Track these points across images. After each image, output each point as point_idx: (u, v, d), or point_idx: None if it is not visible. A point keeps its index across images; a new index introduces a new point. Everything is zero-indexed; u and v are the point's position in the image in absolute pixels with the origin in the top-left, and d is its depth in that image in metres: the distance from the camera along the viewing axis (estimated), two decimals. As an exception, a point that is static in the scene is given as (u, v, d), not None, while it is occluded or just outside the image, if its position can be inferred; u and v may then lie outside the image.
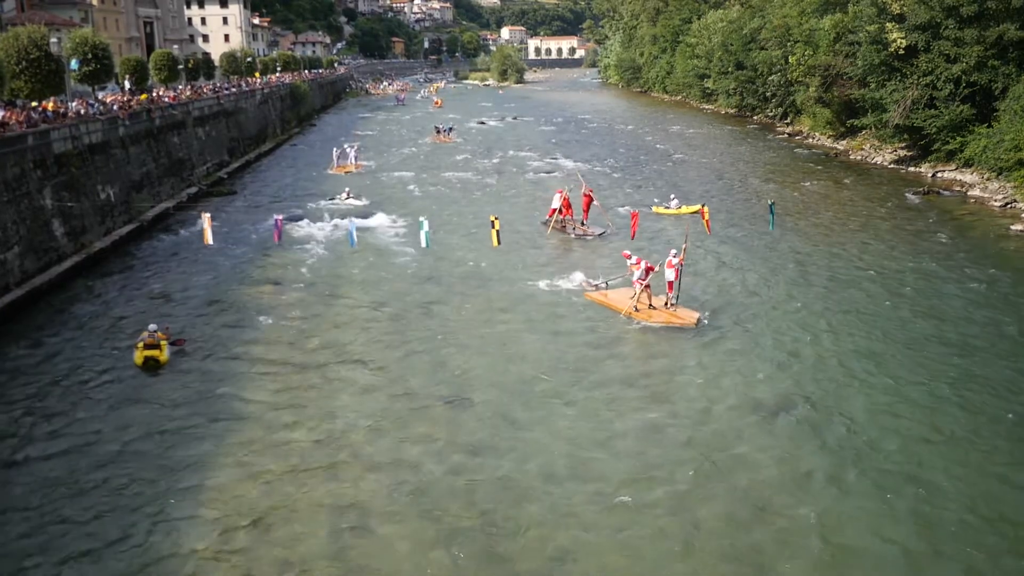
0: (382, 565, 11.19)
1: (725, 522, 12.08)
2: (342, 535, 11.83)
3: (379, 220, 32.25)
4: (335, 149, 47.61)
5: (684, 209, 33.06)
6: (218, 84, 59.35)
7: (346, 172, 44.90)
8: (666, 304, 20.72)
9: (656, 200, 35.31)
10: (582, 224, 30.09)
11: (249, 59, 70.86)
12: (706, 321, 20.17)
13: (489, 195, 38.70)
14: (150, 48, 73.28)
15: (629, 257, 21.30)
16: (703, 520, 12.15)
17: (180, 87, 51.36)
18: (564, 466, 13.70)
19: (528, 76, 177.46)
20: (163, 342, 18.24)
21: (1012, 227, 30.30)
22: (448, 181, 42.57)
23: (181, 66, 54.62)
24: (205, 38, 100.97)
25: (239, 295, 23.24)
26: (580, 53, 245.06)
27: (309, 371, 17.82)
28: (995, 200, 35.04)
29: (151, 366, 17.77)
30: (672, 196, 34.41)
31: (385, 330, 20.32)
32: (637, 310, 20.50)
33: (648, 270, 20.26)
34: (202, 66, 60.77)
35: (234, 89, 57.07)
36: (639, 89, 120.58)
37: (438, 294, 23.11)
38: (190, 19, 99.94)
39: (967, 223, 31.75)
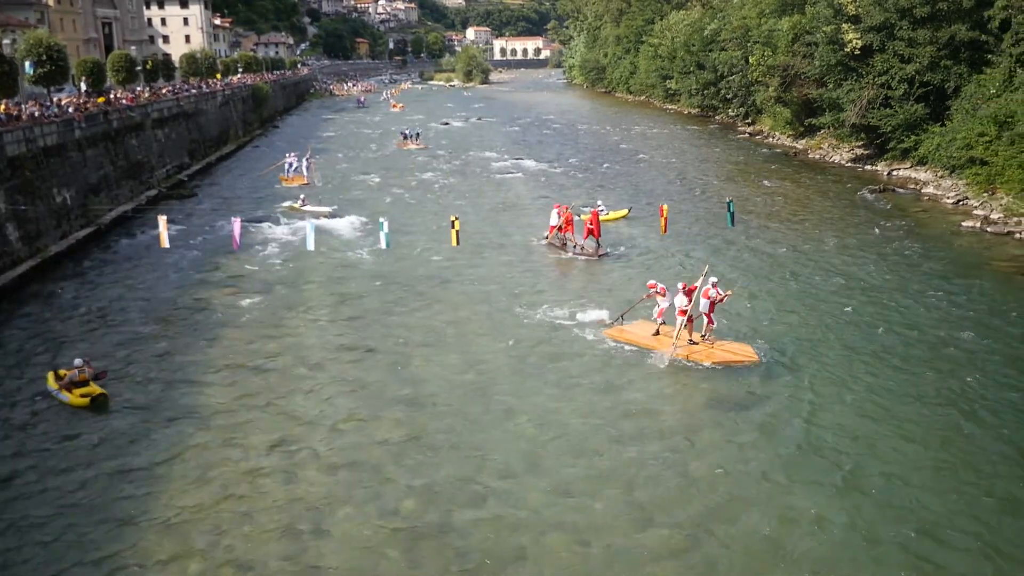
0: (338, 564, 11.23)
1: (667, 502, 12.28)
2: (299, 536, 11.84)
3: (339, 222, 32.16)
4: (286, 159, 43.29)
5: (612, 215, 31.66)
6: (178, 86, 58.70)
7: (300, 185, 40.87)
8: (704, 336, 18.32)
9: (598, 204, 32.24)
10: (597, 246, 26.99)
11: (210, 60, 70.06)
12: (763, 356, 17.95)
13: (452, 196, 38.71)
14: (109, 49, 72.17)
15: (655, 286, 18.92)
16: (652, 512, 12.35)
17: (138, 89, 50.74)
18: (519, 461, 13.82)
19: (493, 77, 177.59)
20: (90, 380, 16.39)
21: (963, 223, 31.00)
22: (410, 183, 42.50)
23: (139, 67, 53.91)
24: (165, 39, 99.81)
25: (197, 298, 23.07)
26: (545, 54, 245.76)
27: (267, 373, 17.76)
28: (947, 197, 35.80)
29: (101, 403, 16.05)
30: (599, 201, 32.02)
31: (344, 331, 20.31)
32: (677, 348, 17.75)
33: (689, 292, 17.78)
34: (161, 67, 60.03)
35: (194, 91, 56.48)
36: (603, 89, 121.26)
37: (398, 295, 23.12)
38: (150, 20, 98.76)
39: (920, 220, 32.42)
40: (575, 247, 27.09)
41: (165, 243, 20.60)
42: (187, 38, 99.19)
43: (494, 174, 45.29)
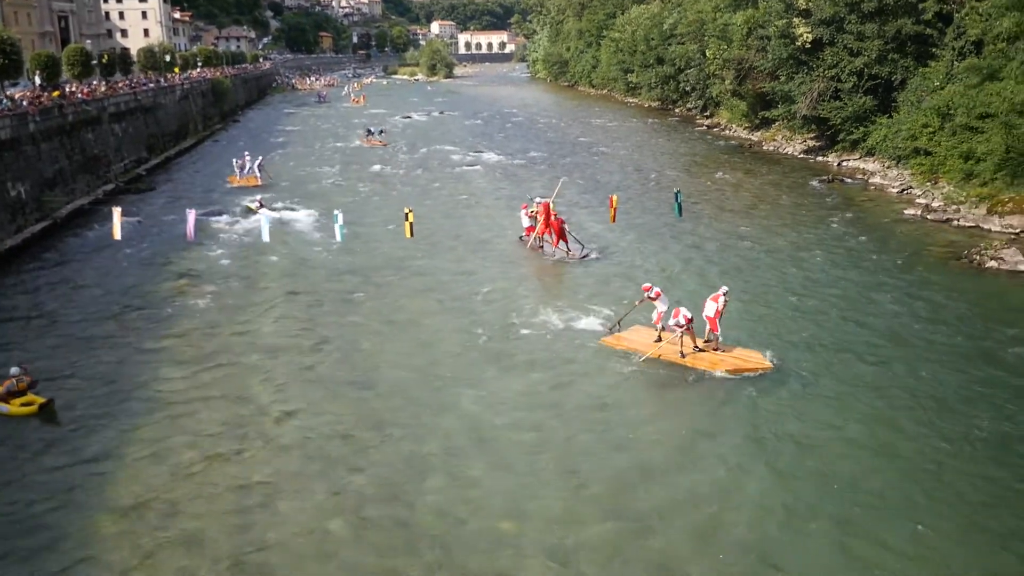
0: (286, 537, 11.69)
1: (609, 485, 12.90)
2: (248, 511, 12.28)
3: (295, 215, 32.46)
4: (235, 160, 41.74)
5: (535, 211, 29.89)
6: (135, 80, 58.28)
7: (251, 185, 39.47)
8: (707, 342, 17.75)
9: (542, 197, 31.47)
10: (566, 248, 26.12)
11: (168, 54, 69.52)
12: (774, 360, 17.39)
13: (410, 189, 39.04)
14: (65, 43, 71.30)
15: (650, 289, 18.32)
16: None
17: (95, 83, 50.36)
18: (464, 439, 14.36)
19: (458, 71, 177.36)
20: (28, 390, 15.78)
21: (906, 211, 32.03)
22: (367, 177, 42.77)
23: (96, 61, 53.47)
24: (123, 33, 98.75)
25: (151, 290, 23.28)
26: (511, 48, 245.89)
27: (221, 360, 18.10)
28: (893, 187, 36.88)
29: (49, 410, 15.49)
30: (534, 198, 31.30)
31: (298, 320, 20.69)
32: (683, 355, 17.32)
33: (688, 320, 17.21)
34: (118, 61, 59.49)
35: (152, 85, 56.14)
36: (566, 83, 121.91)
37: (353, 286, 23.52)
38: (107, 13, 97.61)
39: (865, 208, 33.42)
40: (554, 250, 25.97)
41: (117, 235, 20.80)
42: (146, 32, 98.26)
43: (454, 167, 45.67)
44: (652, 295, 18.13)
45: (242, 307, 21.71)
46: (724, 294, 17.60)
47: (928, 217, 30.92)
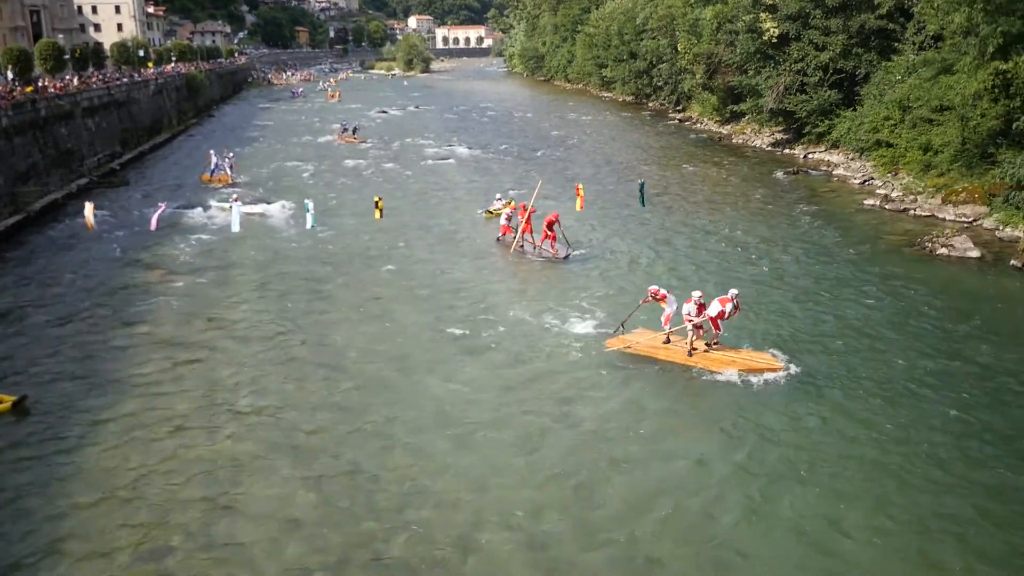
0: (254, 507, 12.26)
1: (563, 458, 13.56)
2: (217, 486, 12.81)
3: (267, 207, 32.83)
4: (210, 156, 40.82)
5: (494, 209, 30.89)
6: (108, 74, 58.24)
7: (223, 184, 38.40)
8: (709, 344, 17.49)
9: (498, 196, 32.58)
10: (551, 246, 25.46)
11: (142, 49, 69.40)
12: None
13: (383, 182, 39.51)
14: (37, 37, 70.89)
15: (657, 292, 18.03)
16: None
17: (67, 77, 50.35)
18: (429, 419, 14.98)
19: (435, 65, 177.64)
20: None
21: (865, 202, 32.95)
22: (341, 171, 43.19)
23: (69, 56, 53.43)
24: (97, 27, 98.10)
25: (125, 281, 23.65)
26: (488, 42, 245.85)
27: (193, 348, 18.56)
28: (855, 178, 37.83)
29: (23, 409, 15.47)
30: (498, 196, 32.25)
31: (269, 308, 21.17)
32: (691, 355, 17.19)
33: (700, 308, 17.17)
34: (92, 56, 59.44)
35: (126, 79, 56.15)
36: (543, 78, 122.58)
37: (323, 274, 24.03)
38: (80, 8, 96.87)
39: (827, 199, 34.32)
40: (534, 249, 25.56)
41: (91, 226, 21.16)
42: (119, 26, 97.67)
43: (427, 161, 46.17)
44: (659, 297, 17.82)
45: (214, 297, 22.15)
46: (734, 298, 17.24)
47: (886, 207, 31.85)
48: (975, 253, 24.84)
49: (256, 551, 11.25)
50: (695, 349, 17.24)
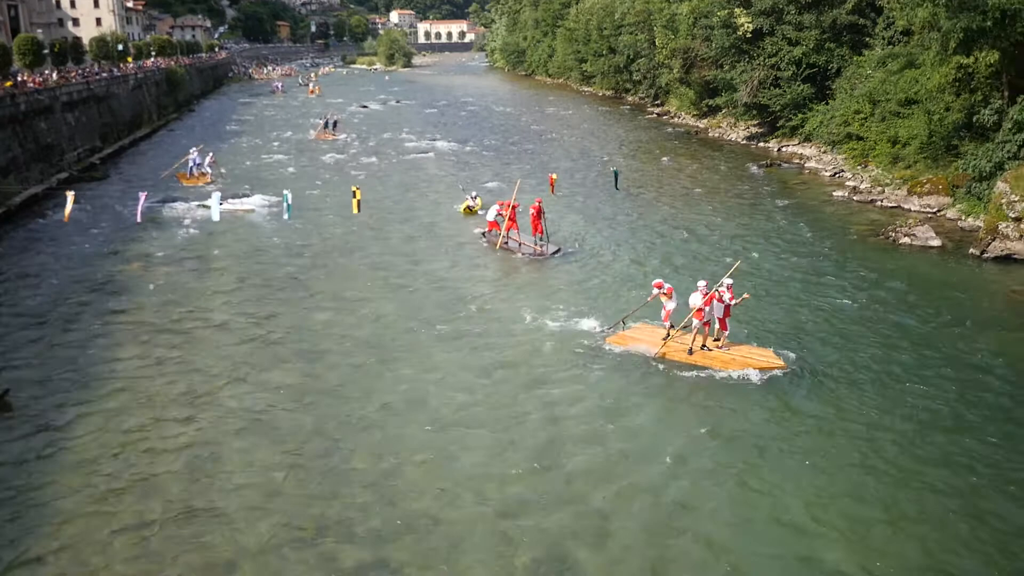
0: (232, 483, 12.78)
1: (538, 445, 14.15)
2: (198, 462, 13.34)
3: (247, 200, 33.18)
4: (188, 156, 39.32)
5: (479, 204, 30.91)
6: (88, 69, 58.21)
7: (202, 183, 37.40)
8: (717, 341, 17.36)
9: (472, 193, 32.26)
10: (535, 243, 25.47)
11: (121, 43, 69.28)
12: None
13: (362, 175, 39.91)
14: (15, 32, 70.69)
15: (661, 286, 17.74)
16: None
17: (46, 72, 50.36)
18: (402, 400, 15.53)
19: (416, 60, 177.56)
20: None
21: (835, 193, 33.75)
22: (321, 164, 43.58)
23: (47, 51, 53.41)
24: (75, 22, 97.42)
25: (105, 273, 24.01)
26: (470, 37, 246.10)
27: (174, 336, 18.99)
28: (826, 171, 38.65)
29: (5, 403, 15.44)
30: (472, 193, 31.96)
31: (249, 298, 21.63)
32: (691, 352, 17.04)
33: (709, 298, 16.88)
34: (70, 51, 59.34)
35: (105, 74, 56.16)
36: (524, 73, 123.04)
37: (302, 265, 24.51)
38: (58, 2, 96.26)
39: (798, 191, 35.09)
40: (520, 246, 25.46)
41: (68, 216, 21.45)
42: (98, 21, 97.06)
43: (407, 155, 46.59)
44: (664, 291, 17.55)
45: (193, 288, 22.56)
46: (728, 287, 16.98)
47: (855, 199, 32.64)
48: (936, 242, 25.63)
49: (235, 523, 11.78)
50: (704, 347, 16.95)
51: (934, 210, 29.59)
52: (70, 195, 22.25)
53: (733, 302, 17.08)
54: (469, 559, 11.02)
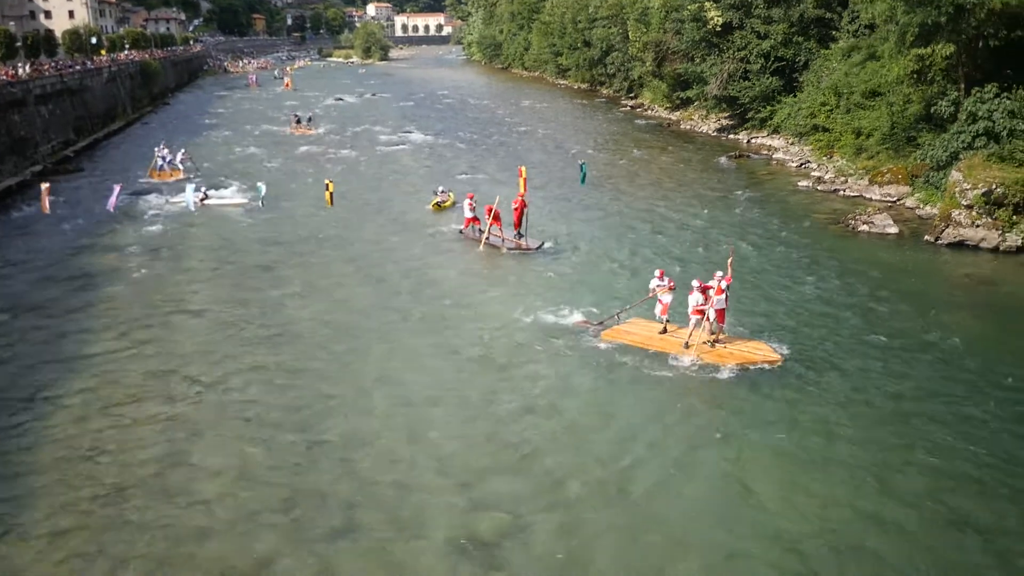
0: (207, 460, 13.31)
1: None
2: (173, 440, 13.87)
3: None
4: (157, 150, 39.02)
5: (451, 199, 31.09)
6: (61, 61, 58.06)
7: (174, 179, 36.79)
8: (714, 335, 17.00)
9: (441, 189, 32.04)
10: (517, 236, 25.43)
11: (94, 36, 69.04)
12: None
13: (336, 167, 40.29)
14: (-14, 25, 70.19)
15: (662, 277, 17.84)
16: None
17: (19, 64, 50.26)
18: (371, 381, 16.10)
19: (393, 53, 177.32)
20: None
21: (800, 183, 34.58)
22: (296, 157, 43.90)
23: (19, 43, 53.25)
24: (47, 14, 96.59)
25: (81, 263, 24.37)
26: (448, 30, 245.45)
27: (150, 322, 19.44)
28: (793, 161, 39.50)
29: None
30: (440, 188, 31.85)
31: (224, 285, 22.13)
32: (688, 346, 16.83)
33: (705, 289, 16.68)
34: (43, 43, 59.22)
35: (78, 67, 56.06)
36: (500, 66, 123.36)
37: (276, 255, 24.95)
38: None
39: (764, 181, 35.91)
40: (504, 242, 25.22)
41: (47, 208, 21.81)
42: (71, 13, 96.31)
43: (381, 147, 47.00)
44: (666, 284, 17.54)
45: (168, 277, 22.97)
46: (723, 278, 16.71)
47: (818, 188, 33.49)
48: (893, 230, 26.49)
49: (210, 497, 12.30)
50: (711, 343, 16.78)
51: (894, 199, 30.47)
52: (44, 187, 22.56)
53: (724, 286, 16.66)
54: (434, 523, 11.62)
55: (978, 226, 24.74)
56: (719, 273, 16.82)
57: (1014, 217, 24.52)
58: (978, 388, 15.54)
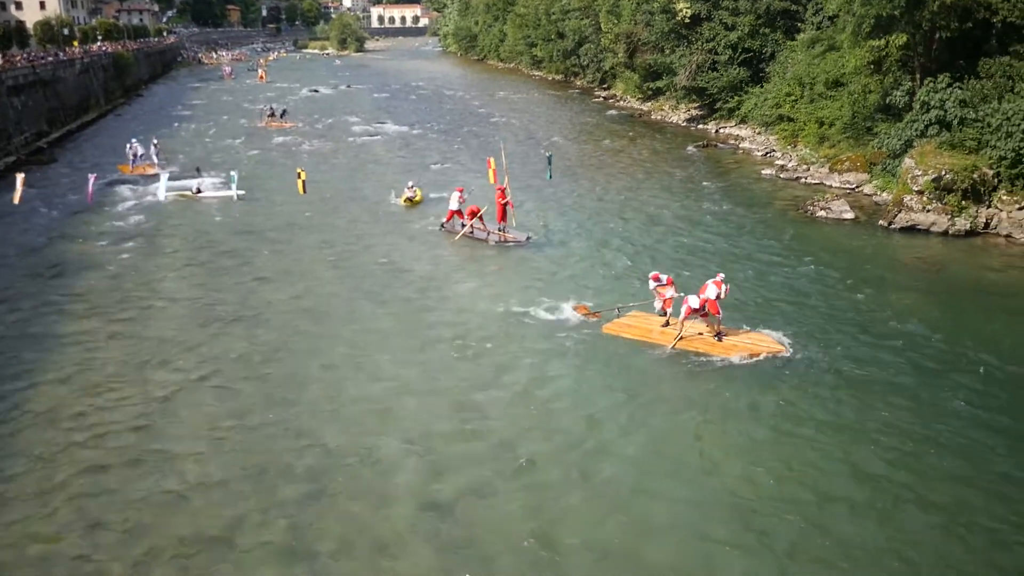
0: (182, 435, 13.93)
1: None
2: (149, 417, 14.48)
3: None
4: (128, 146, 37.97)
5: (419, 195, 30.86)
6: (33, 53, 57.90)
7: (148, 173, 35.62)
8: (712, 327, 17.21)
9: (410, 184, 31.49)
10: (500, 230, 25.38)
11: (67, 27, 68.77)
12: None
13: (309, 157, 40.72)
14: (-44, 16, 69.76)
15: (658, 278, 18.05)
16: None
17: (-9, 56, 50.19)
18: (341, 360, 16.75)
19: (369, 45, 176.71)
20: None
21: (763, 172, 35.51)
22: (270, 147, 44.22)
23: (-9, 35, 53.12)
24: (18, 5, 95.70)
25: (56, 252, 24.76)
26: (424, 22, 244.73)
27: (125, 308, 19.96)
28: (759, 151, 40.42)
29: None
30: (410, 183, 31.37)
31: (198, 273, 22.66)
32: (681, 338, 17.03)
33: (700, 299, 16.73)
34: (14, 34, 59.01)
35: (51, 58, 55.97)
36: (476, 57, 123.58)
37: (249, 243, 25.47)
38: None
39: (730, 169, 36.80)
40: (489, 235, 25.29)
41: (18, 199, 22.14)
42: (42, 4, 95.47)
43: (356, 138, 47.45)
44: (664, 283, 17.74)
45: (143, 266, 23.44)
46: (723, 280, 17.05)
47: (781, 176, 34.43)
48: (850, 215, 27.45)
49: (184, 465, 12.96)
50: (700, 334, 17.04)
51: (853, 186, 31.44)
52: (20, 177, 22.92)
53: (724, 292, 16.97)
54: (397, 489, 12.32)
55: (928, 211, 25.72)
56: (721, 275, 17.18)
57: (963, 202, 25.53)
58: (933, 370, 16.21)
